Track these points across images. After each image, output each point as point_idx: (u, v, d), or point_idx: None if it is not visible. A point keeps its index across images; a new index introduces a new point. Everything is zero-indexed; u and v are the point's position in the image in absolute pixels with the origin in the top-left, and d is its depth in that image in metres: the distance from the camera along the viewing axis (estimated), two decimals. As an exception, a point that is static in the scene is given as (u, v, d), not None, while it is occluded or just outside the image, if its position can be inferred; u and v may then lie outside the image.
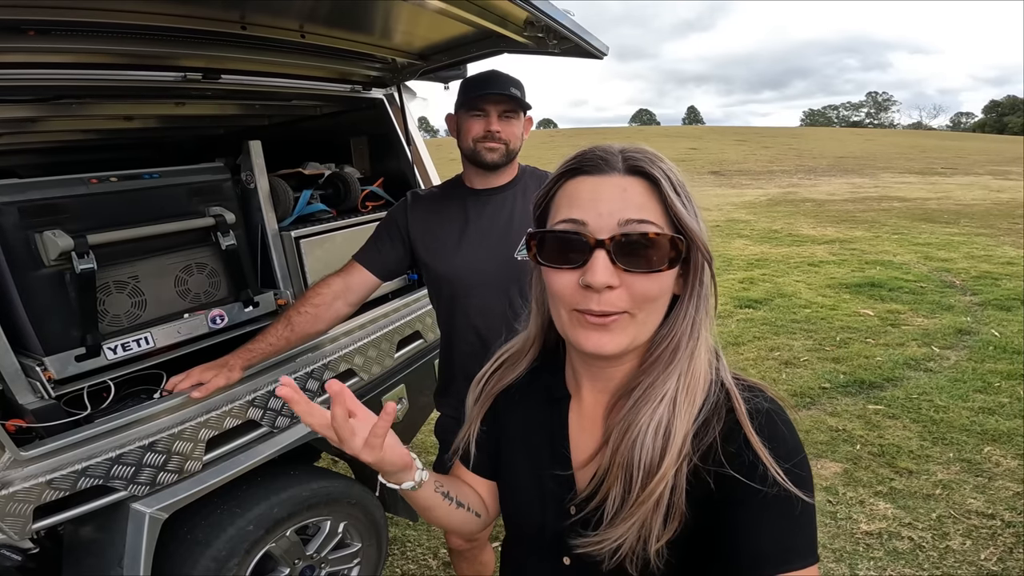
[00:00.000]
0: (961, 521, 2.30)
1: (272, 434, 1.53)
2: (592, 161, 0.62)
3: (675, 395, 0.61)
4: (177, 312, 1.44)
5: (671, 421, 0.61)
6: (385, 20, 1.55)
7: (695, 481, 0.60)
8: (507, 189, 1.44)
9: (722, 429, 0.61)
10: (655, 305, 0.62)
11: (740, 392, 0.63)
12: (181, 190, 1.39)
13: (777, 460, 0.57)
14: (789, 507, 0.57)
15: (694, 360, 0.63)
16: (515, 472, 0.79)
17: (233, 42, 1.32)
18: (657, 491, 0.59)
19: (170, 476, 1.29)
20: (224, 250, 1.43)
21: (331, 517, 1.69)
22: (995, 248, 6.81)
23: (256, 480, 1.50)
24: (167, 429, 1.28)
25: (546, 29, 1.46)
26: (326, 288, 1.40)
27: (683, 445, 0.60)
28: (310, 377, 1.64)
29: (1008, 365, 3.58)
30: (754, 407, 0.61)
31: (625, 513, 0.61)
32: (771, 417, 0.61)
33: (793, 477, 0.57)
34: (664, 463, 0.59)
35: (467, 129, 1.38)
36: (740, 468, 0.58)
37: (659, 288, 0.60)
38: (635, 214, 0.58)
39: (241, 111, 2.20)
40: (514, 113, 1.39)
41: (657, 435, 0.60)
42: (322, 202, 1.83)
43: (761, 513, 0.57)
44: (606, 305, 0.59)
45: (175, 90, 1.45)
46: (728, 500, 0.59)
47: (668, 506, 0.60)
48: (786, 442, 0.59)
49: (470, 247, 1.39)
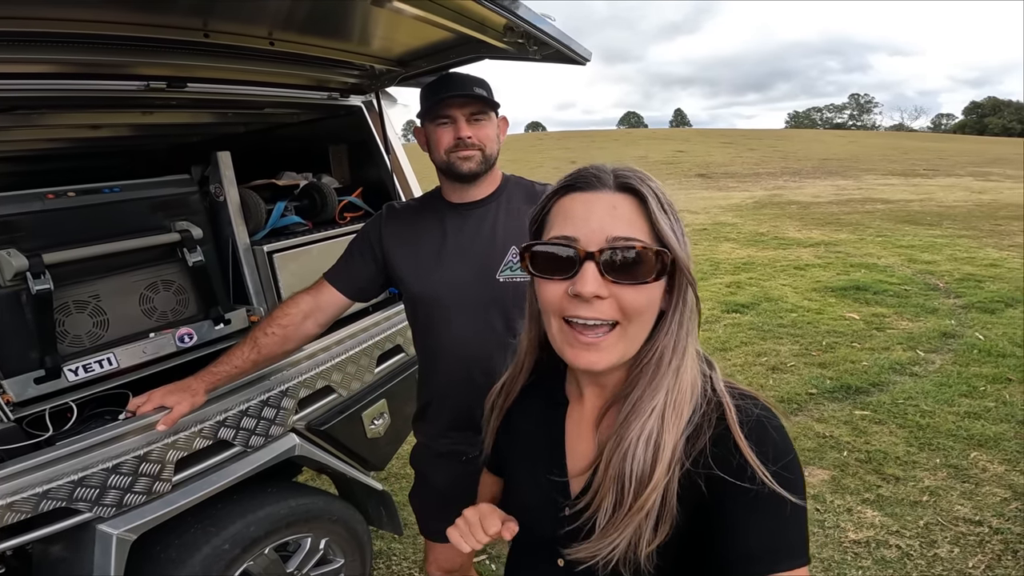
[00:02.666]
0: (949, 528, 2.29)
1: (246, 453, 1.50)
2: (586, 179, 0.66)
3: (663, 409, 0.63)
4: (142, 331, 1.38)
5: (660, 434, 0.62)
6: (360, 26, 1.50)
7: (687, 485, 0.62)
8: (489, 202, 1.33)
9: (712, 435, 0.62)
10: (643, 318, 0.64)
11: (732, 400, 0.64)
12: (144, 204, 1.33)
13: (765, 462, 0.59)
14: (778, 508, 0.58)
15: (681, 374, 0.65)
16: (517, 473, 0.83)
17: (197, 50, 1.27)
18: (648, 503, 0.61)
19: (137, 497, 1.26)
20: (191, 266, 1.37)
21: (311, 534, 1.66)
22: (977, 250, 6.89)
23: (232, 498, 1.47)
24: (132, 451, 1.25)
25: (526, 35, 1.42)
26: (294, 307, 1.33)
27: (673, 455, 0.62)
28: (285, 395, 1.58)
29: (993, 369, 3.60)
30: (744, 414, 0.63)
31: (616, 523, 0.63)
32: (760, 422, 0.62)
33: (781, 479, 0.58)
34: (655, 475, 0.61)
35: (436, 140, 1.27)
36: (729, 470, 0.60)
37: (646, 300, 0.63)
38: (623, 231, 0.62)
39: (216, 119, 2.14)
40: (483, 114, 1.27)
41: (647, 447, 0.62)
42: (297, 214, 1.77)
43: (750, 515, 0.58)
44: (596, 313, 0.62)
45: (138, 99, 1.39)
46: (718, 503, 0.60)
47: (659, 512, 0.62)
48: (775, 445, 0.60)
49: (448, 265, 1.30)
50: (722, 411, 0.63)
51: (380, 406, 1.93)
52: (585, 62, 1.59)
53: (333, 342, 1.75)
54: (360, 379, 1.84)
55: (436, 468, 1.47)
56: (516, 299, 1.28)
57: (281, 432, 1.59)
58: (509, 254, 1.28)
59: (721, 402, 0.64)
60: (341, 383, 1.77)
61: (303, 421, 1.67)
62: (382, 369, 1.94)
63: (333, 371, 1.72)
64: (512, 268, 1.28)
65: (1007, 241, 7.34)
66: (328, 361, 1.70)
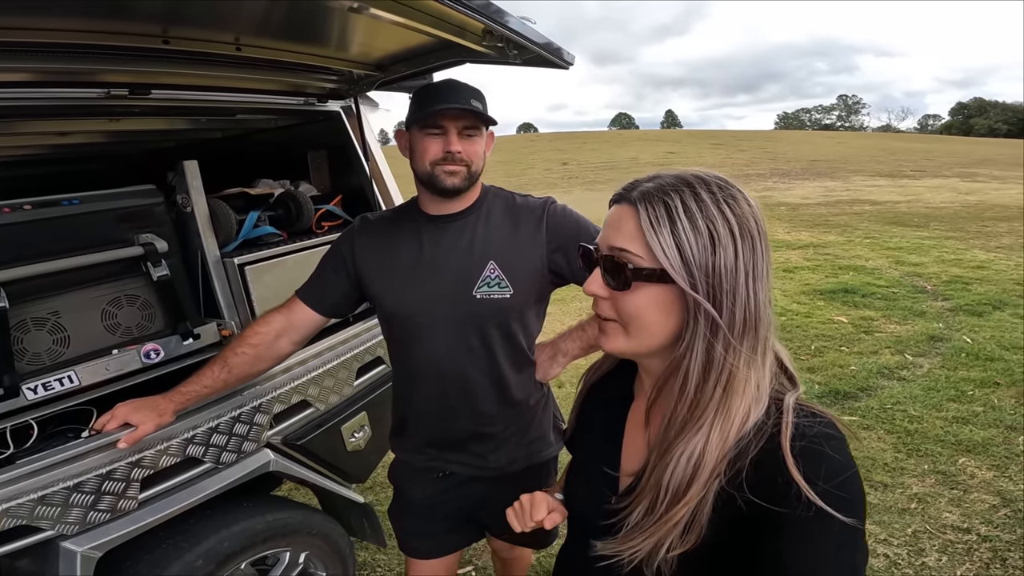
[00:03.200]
0: (937, 536, 2.28)
1: (217, 470, 1.46)
2: (621, 191, 0.71)
3: (710, 432, 0.64)
4: (106, 348, 1.33)
5: (703, 456, 0.63)
6: (335, 31, 1.45)
7: (724, 501, 0.62)
8: (467, 215, 1.28)
9: (756, 455, 0.62)
10: (639, 323, 0.67)
11: (796, 418, 0.63)
12: (106, 217, 1.27)
13: (815, 481, 0.57)
14: (823, 529, 0.56)
15: (731, 399, 0.64)
16: (579, 457, 0.90)
17: (158, 57, 1.21)
18: (677, 516, 0.63)
19: (102, 515, 1.24)
20: (156, 281, 1.32)
21: (290, 548, 1.63)
22: (965, 252, 6.93)
23: (206, 513, 1.44)
24: (95, 469, 1.23)
25: (505, 39, 1.38)
26: (266, 326, 1.28)
27: (712, 474, 0.62)
28: (258, 411, 1.54)
29: (981, 372, 3.60)
30: (802, 430, 0.61)
31: (644, 529, 0.65)
32: (816, 440, 0.60)
33: (831, 497, 0.56)
34: (689, 492, 0.62)
35: (422, 150, 1.20)
36: (768, 492, 0.59)
37: (634, 306, 0.67)
38: (619, 242, 0.67)
39: (190, 125, 2.09)
40: (476, 129, 1.22)
41: (688, 465, 0.63)
42: (272, 224, 1.71)
43: (792, 535, 0.57)
44: (599, 309, 0.71)
45: (101, 107, 1.33)
46: (754, 523, 0.60)
47: (688, 523, 0.63)
48: (828, 461, 0.59)
49: (423, 281, 1.24)
50: (778, 429, 0.62)
51: (360, 419, 1.89)
52: (568, 66, 1.55)
53: (310, 355, 1.71)
54: (338, 392, 1.80)
55: (413, 484, 1.44)
56: (493, 316, 1.25)
57: (254, 448, 1.55)
58: (487, 269, 1.24)
59: (780, 421, 0.63)
60: (318, 397, 1.72)
61: (279, 436, 1.63)
62: (362, 381, 1.89)
63: (309, 385, 1.68)
64: (490, 284, 1.23)
65: (994, 243, 7.40)
66: (304, 375, 1.66)
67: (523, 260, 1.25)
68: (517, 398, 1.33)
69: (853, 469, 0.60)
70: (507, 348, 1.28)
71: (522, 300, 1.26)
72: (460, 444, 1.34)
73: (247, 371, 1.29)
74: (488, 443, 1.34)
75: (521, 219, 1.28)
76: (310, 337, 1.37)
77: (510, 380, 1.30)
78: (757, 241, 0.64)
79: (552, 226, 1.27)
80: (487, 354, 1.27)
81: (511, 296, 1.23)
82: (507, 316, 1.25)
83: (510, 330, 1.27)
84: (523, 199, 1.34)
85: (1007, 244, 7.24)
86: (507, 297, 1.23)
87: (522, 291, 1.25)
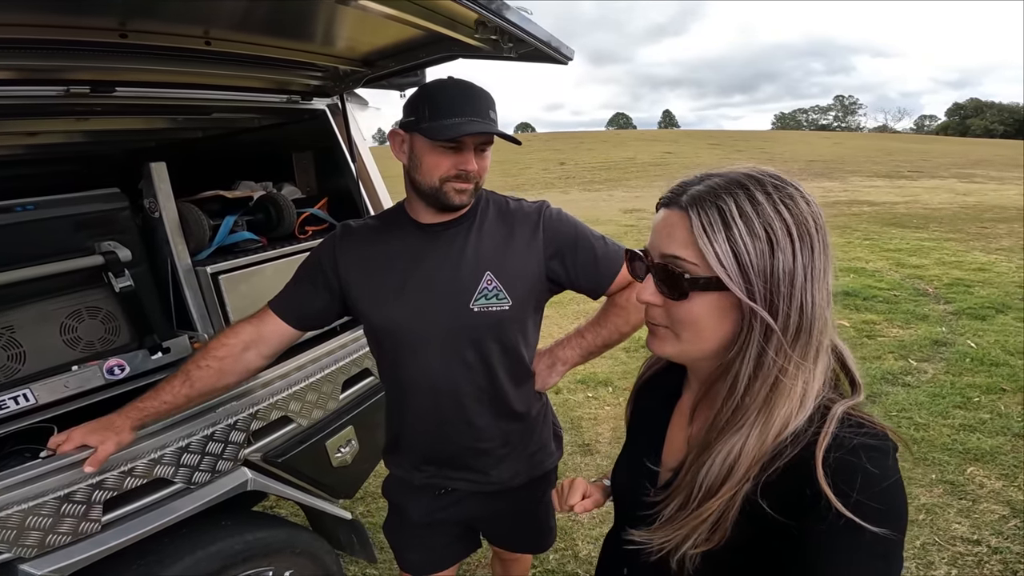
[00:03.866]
0: (946, 548, 2.21)
1: (189, 490, 1.38)
2: (668, 194, 0.68)
3: (749, 432, 0.63)
4: (65, 364, 1.23)
5: (739, 457, 0.63)
6: (313, 23, 1.36)
7: (750, 504, 0.62)
8: (460, 222, 1.19)
9: (787, 462, 0.61)
10: (694, 328, 0.66)
11: (840, 428, 0.61)
12: (64, 223, 1.17)
13: (846, 494, 0.55)
14: (852, 540, 0.55)
15: (773, 407, 0.62)
16: (627, 446, 0.91)
17: (121, 52, 1.12)
18: (708, 512, 0.63)
19: (62, 537, 1.17)
20: (119, 292, 1.22)
21: (273, 568, 1.55)
22: (965, 254, 6.87)
23: (180, 533, 1.36)
24: (53, 491, 1.15)
25: (499, 31, 1.29)
26: (234, 337, 1.19)
27: (745, 474, 0.62)
28: (233, 429, 1.45)
29: (986, 378, 3.52)
30: (840, 441, 0.59)
31: (676, 523, 0.66)
32: (856, 450, 0.58)
33: (863, 508, 0.55)
34: (722, 490, 0.63)
35: (432, 164, 1.09)
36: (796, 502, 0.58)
37: (688, 314, 0.65)
38: (671, 249, 0.65)
39: (168, 124, 1.99)
40: (490, 144, 1.13)
41: (723, 465, 0.63)
42: (250, 229, 1.61)
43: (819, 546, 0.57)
44: (651, 317, 0.70)
45: (62, 106, 1.24)
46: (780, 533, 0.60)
47: (716, 521, 0.63)
48: (864, 472, 0.57)
49: (414, 294, 1.16)
50: (816, 438, 0.60)
51: (347, 433, 1.80)
52: (567, 61, 1.45)
53: (292, 368, 1.61)
54: (322, 407, 1.70)
55: (412, 501, 1.37)
56: (492, 330, 1.17)
57: (230, 467, 1.46)
58: (483, 281, 1.15)
59: (820, 429, 0.61)
60: (300, 412, 1.63)
61: (258, 453, 1.54)
62: (348, 395, 1.80)
63: (290, 400, 1.58)
64: (487, 296, 1.15)
65: (994, 244, 7.34)
66: (284, 390, 1.56)
67: (520, 269, 1.18)
68: (518, 411, 1.27)
69: (891, 480, 0.57)
70: (506, 362, 1.21)
71: (521, 311, 1.19)
72: (460, 461, 1.28)
73: (211, 385, 1.19)
74: (489, 458, 1.28)
75: (516, 226, 1.21)
76: (282, 351, 1.27)
77: (509, 394, 1.24)
78: (816, 241, 0.62)
79: (549, 232, 1.20)
80: (485, 369, 1.20)
81: (510, 308, 1.16)
82: (506, 329, 1.19)
83: (509, 343, 1.20)
84: (517, 204, 1.26)
85: (1007, 246, 7.17)
86: (506, 309, 1.16)
87: (520, 302, 1.18)
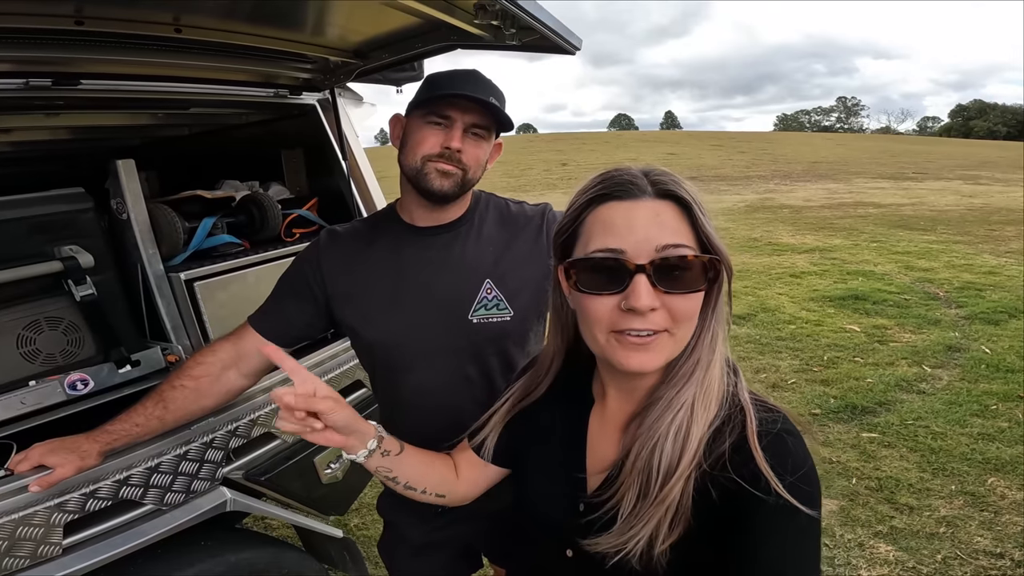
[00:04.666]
0: (968, 562, 2.12)
1: (161, 512, 1.28)
2: (620, 185, 0.64)
3: (693, 403, 0.64)
4: (22, 379, 1.13)
5: (689, 427, 0.64)
6: (298, 10, 1.25)
7: (702, 489, 0.63)
8: (457, 226, 1.11)
9: (733, 442, 0.63)
10: (692, 322, 0.65)
11: (756, 412, 0.64)
12: (19, 226, 1.07)
13: (781, 474, 0.58)
14: (790, 521, 0.58)
15: (710, 369, 0.66)
16: (533, 465, 0.84)
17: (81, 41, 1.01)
18: (672, 493, 0.62)
19: (19, 561, 1.09)
20: (80, 301, 1.12)
21: None
22: (975, 256, 6.75)
23: (156, 554, 1.27)
24: (8, 513, 1.06)
25: (501, 13, 1.17)
26: (211, 356, 1.09)
27: (698, 449, 0.63)
28: (209, 447, 1.34)
29: (1003, 385, 3.41)
30: (766, 427, 0.63)
31: (640, 514, 0.64)
32: (781, 436, 0.62)
33: (796, 491, 0.58)
34: (680, 465, 0.62)
35: (418, 139, 1.02)
36: (745, 478, 0.59)
37: (695, 306, 0.64)
38: (671, 239, 0.62)
39: (152, 120, 1.89)
40: (485, 130, 1.05)
41: (676, 439, 0.63)
42: (232, 231, 1.50)
43: (762, 526, 0.59)
44: (650, 324, 0.62)
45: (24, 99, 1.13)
46: (731, 511, 0.61)
47: (677, 509, 0.62)
48: (793, 456, 0.60)
49: (409, 305, 1.07)
50: (743, 419, 0.63)
51: (337, 448, 1.69)
52: (574, 51, 1.33)
53: (277, 382, 1.51)
54: (310, 421, 1.60)
55: (408, 520, 1.28)
56: (493, 342, 1.08)
57: (207, 487, 1.36)
58: (482, 290, 1.07)
59: (744, 411, 0.64)
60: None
61: (240, 471, 1.44)
62: (338, 407, 1.70)
63: (274, 416, 1.47)
64: (487, 307, 1.07)
65: (1003, 247, 7.22)
66: (267, 405, 1.45)
67: (522, 276, 1.09)
68: None
69: (811, 463, 0.61)
70: (508, 376, 1.11)
71: (523, 321, 1.10)
72: None
73: (188, 408, 1.10)
74: None
75: (518, 230, 1.13)
76: (267, 369, 1.17)
77: None
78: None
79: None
80: (486, 384, 1.11)
81: (511, 318, 1.07)
82: (508, 341, 1.10)
83: (511, 356, 1.11)
84: (518, 207, 1.17)
85: (1016, 249, 7.05)
86: (507, 320, 1.07)
87: (523, 311, 1.09)
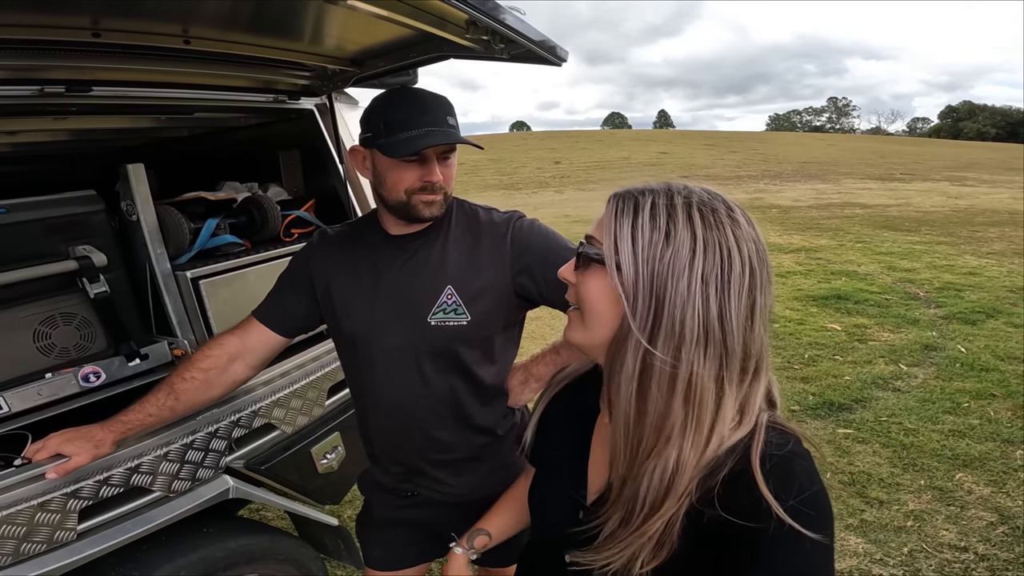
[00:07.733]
0: (933, 556, 2.21)
1: (168, 499, 1.35)
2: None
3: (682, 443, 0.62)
4: (38, 371, 1.20)
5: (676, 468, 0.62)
6: (302, 23, 1.33)
7: (693, 519, 0.62)
8: (428, 234, 1.17)
9: (727, 474, 0.62)
10: (592, 310, 0.67)
11: (767, 435, 0.63)
12: (36, 227, 1.14)
13: (783, 499, 0.57)
14: (794, 547, 0.56)
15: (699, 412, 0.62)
16: (545, 467, 0.88)
17: (96, 51, 1.08)
18: (653, 528, 0.62)
19: (37, 546, 1.15)
20: (94, 298, 1.19)
21: (256, 574, 1.52)
22: (956, 257, 6.90)
23: (160, 540, 1.34)
24: (26, 500, 1.12)
25: (490, 31, 1.25)
26: (218, 349, 1.17)
27: (687, 489, 0.62)
28: (214, 437, 1.42)
29: (976, 384, 3.53)
30: (772, 450, 0.62)
31: (619, 540, 0.64)
32: (787, 458, 0.61)
33: (801, 515, 0.57)
34: (665, 505, 0.62)
35: (396, 178, 1.08)
36: (740, 510, 0.59)
37: (588, 293, 0.67)
38: (591, 231, 0.69)
39: (153, 123, 1.95)
40: (453, 151, 1.12)
41: (662, 482, 0.63)
42: (234, 232, 1.58)
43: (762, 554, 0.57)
44: (568, 296, 0.72)
45: (37, 105, 1.20)
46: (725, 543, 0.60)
47: (661, 537, 0.62)
48: (797, 480, 0.59)
49: (377, 305, 1.15)
50: (750, 447, 0.62)
51: (333, 439, 1.77)
52: (560, 63, 1.41)
53: (276, 375, 1.58)
54: (307, 414, 1.68)
55: (378, 499, 1.38)
56: (448, 345, 1.14)
57: (211, 475, 1.44)
58: (443, 295, 1.12)
59: (752, 439, 0.63)
60: (284, 419, 1.60)
61: (241, 460, 1.51)
62: (334, 401, 1.77)
63: (274, 408, 1.55)
64: (445, 311, 1.12)
65: (985, 248, 7.38)
66: (268, 397, 1.53)
67: (483, 284, 1.14)
68: (480, 426, 1.23)
69: (819, 485, 0.60)
70: (466, 378, 1.18)
71: (481, 328, 1.14)
72: (420, 469, 1.26)
73: (197, 398, 1.18)
74: (446, 469, 1.26)
75: (483, 237, 1.17)
76: (269, 360, 1.25)
77: (471, 410, 1.21)
78: (735, 257, 0.60)
79: (518, 245, 1.15)
80: (443, 383, 1.17)
81: (467, 324, 1.12)
82: (463, 345, 1.15)
83: (467, 359, 1.16)
84: (487, 214, 1.22)
85: (998, 250, 7.21)
86: (463, 325, 1.12)
87: (481, 317, 1.14)
